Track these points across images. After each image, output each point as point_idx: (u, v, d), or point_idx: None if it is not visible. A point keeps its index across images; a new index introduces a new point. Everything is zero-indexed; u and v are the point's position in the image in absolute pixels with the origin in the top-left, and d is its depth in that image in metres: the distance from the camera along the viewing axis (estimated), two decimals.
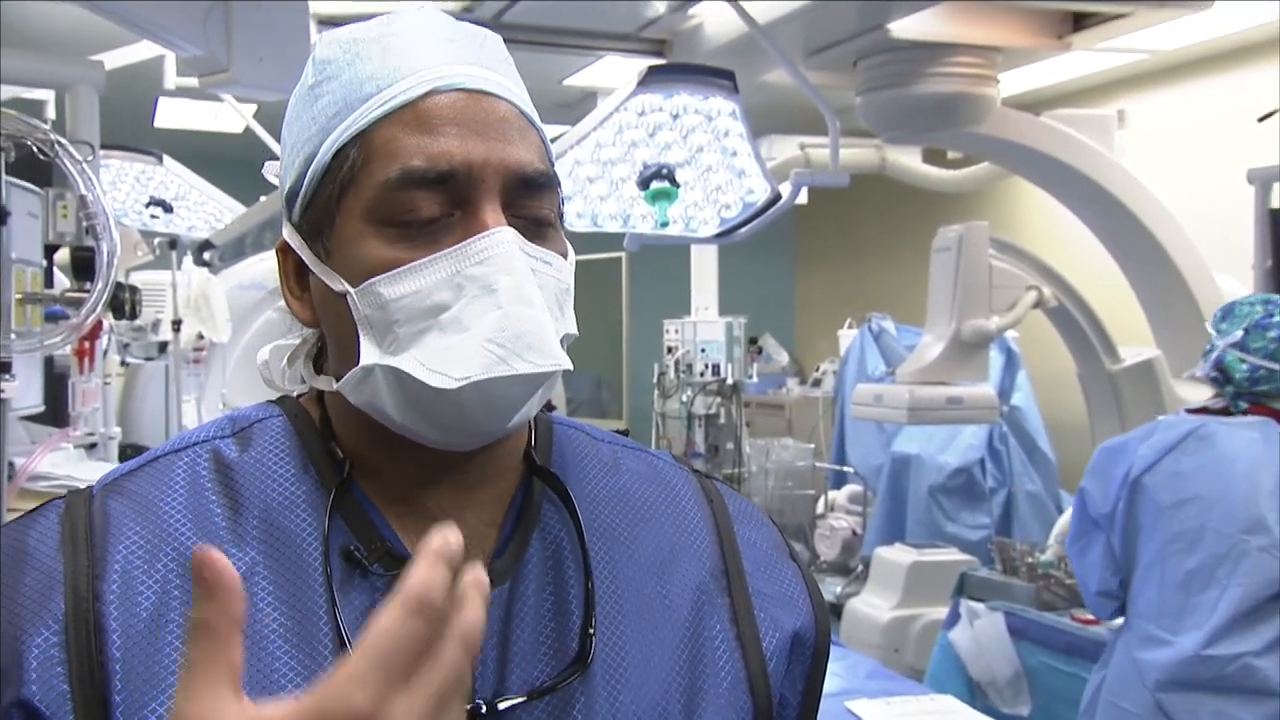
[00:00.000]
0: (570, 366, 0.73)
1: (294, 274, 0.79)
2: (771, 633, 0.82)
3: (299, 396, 0.82)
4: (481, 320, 0.70)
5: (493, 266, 0.70)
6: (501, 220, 0.72)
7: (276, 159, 4.85)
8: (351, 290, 0.72)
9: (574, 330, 0.76)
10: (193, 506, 0.74)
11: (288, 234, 0.78)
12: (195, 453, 0.77)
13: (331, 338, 0.78)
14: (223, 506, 0.74)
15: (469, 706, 0.70)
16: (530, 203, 0.74)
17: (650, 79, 2.85)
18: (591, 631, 0.74)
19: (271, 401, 0.82)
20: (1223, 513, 2.38)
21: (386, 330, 0.71)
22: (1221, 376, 2.51)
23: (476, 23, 0.81)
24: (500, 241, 0.71)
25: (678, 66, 3.14)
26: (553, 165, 0.78)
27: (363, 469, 0.77)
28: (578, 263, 0.80)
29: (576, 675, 0.73)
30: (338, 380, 0.76)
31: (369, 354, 0.72)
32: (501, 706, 0.71)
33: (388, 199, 0.71)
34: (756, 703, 0.80)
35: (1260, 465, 2.39)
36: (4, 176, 2.09)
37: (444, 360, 0.70)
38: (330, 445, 0.78)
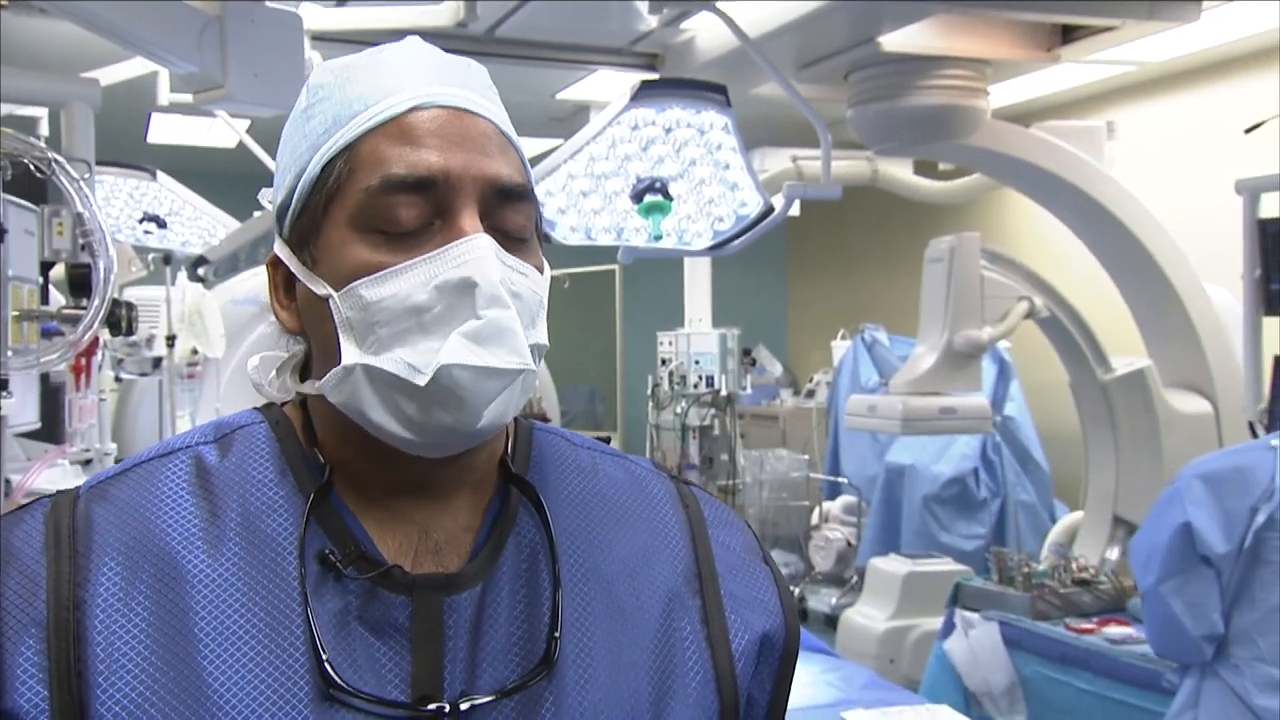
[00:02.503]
0: (534, 368, 0.76)
1: (283, 286, 0.83)
2: (741, 633, 0.85)
3: (284, 405, 0.85)
4: (456, 319, 0.74)
5: (469, 270, 0.74)
6: (479, 227, 0.75)
7: (272, 173, 4.89)
8: (334, 294, 0.76)
9: (544, 341, 0.80)
10: (173, 512, 0.77)
11: (278, 248, 0.82)
12: (178, 458, 0.80)
13: (315, 343, 0.81)
14: (201, 511, 0.77)
15: (434, 706, 0.73)
16: (508, 213, 0.78)
17: (643, 93, 2.86)
18: (556, 636, 0.77)
19: (257, 409, 0.85)
20: None
21: (368, 332, 0.75)
22: None
23: (470, 37, 0.84)
24: (477, 247, 0.74)
25: (670, 81, 3.15)
26: (531, 182, 0.81)
27: (342, 475, 0.80)
28: (572, 276, 0.83)
29: (541, 677, 0.76)
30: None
31: (350, 354, 0.75)
32: (464, 706, 0.74)
33: (370, 205, 0.75)
34: (724, 701, 0.82)
35: None
36: (1, 195, 2.10)
37: (420, 357, 0.73)
38: (310, 451, 0.81)
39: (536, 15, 3.64)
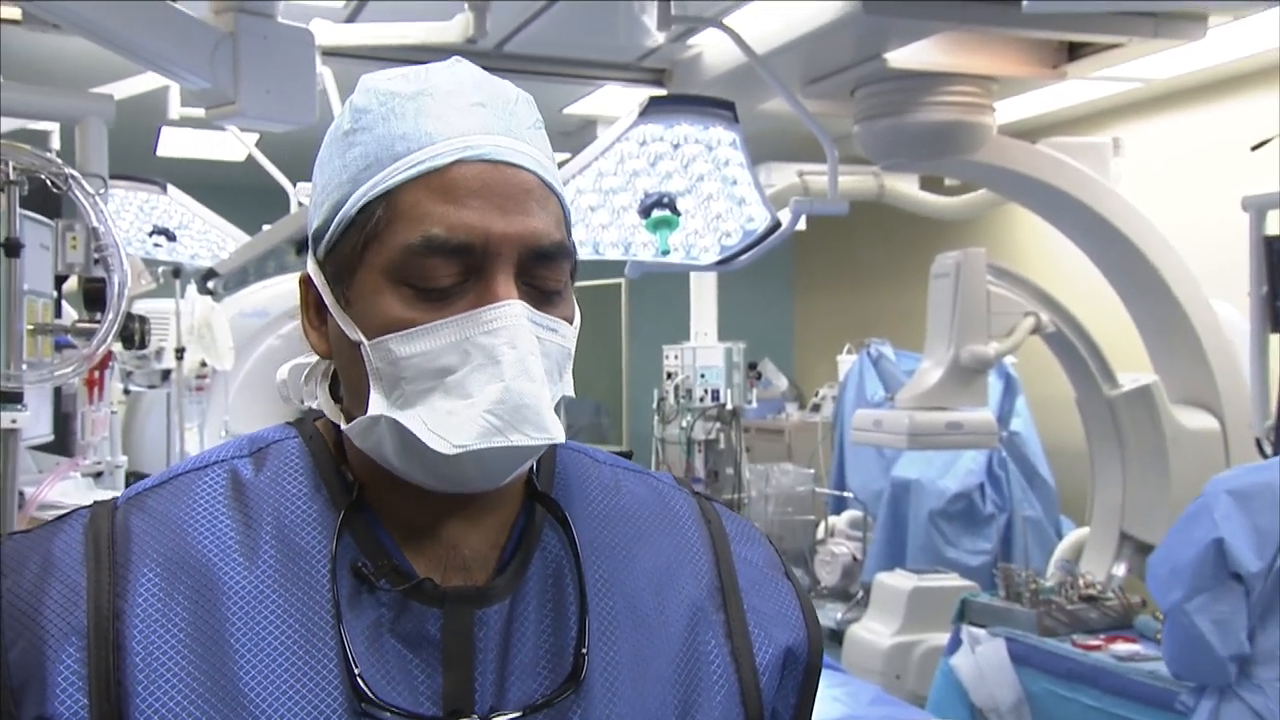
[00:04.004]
0: (563, 439, 0.77)
1: (314, 307, 0.83)
2: (765, 648, 0.85)
3: (316, 419, 0.86)
4: (484, 390, 0.73)
5: (500, 338, 0.74)
6: (513, 292, 0.75)
7: (280, 186, 4.87)
8: (366, 342, 0.76)
9: (570, 392, 0.81)
10: (209, 524, 0.78)
11: (312, 270, 0.82)
12: (214, 472, 0.81)
13: (345, 376, 0.81)
14: (237, 524, 0.78)
15: None
16: (544, 273, 0.77)
17: (651, 109, 2.88)
18: (585, 651, 0.78)
19: (289, 423, 0.86)
20: None
21: (395, 385, 0.75)
22: None
23: (479, 53, 0.84)
24: (510, 314, 0.74)
25: (678, 97, 3.17)
26: (569, 230, 0.81)
27: (372, 493, 0.81)
28: (578, 289, 0.83)
29: (569, 693, 0.77)
30: (348, 419, 0.80)
31: (377, 405, 0.76)
32: None
33: (407, 262, 0.75)
34: (749, 714, 0.83)
35: None
36: (17, 209, 2.12)
37: (445, 424, 0.73)
38: (341, 468, 0.82)
39: (545, 31, 3.66)
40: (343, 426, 0.80)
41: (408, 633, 0.76)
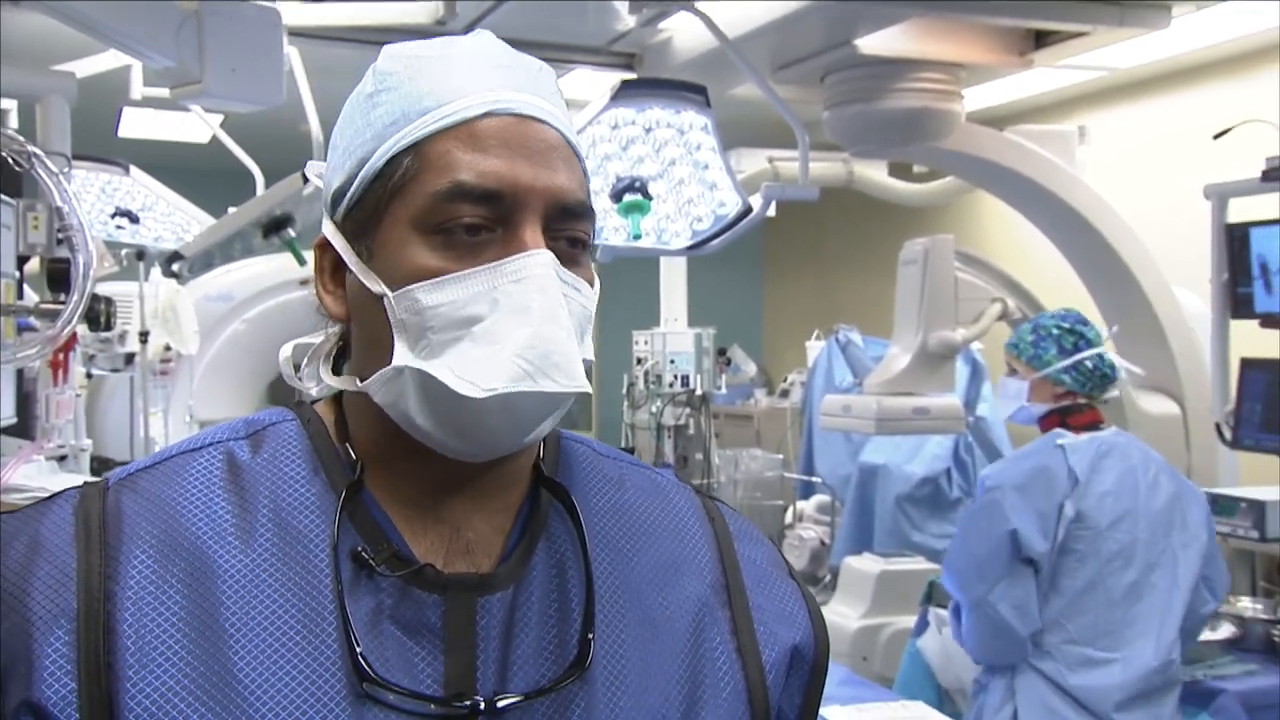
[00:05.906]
0: (590, 390, 0.76)
1: (330, 270, 0.81)
2: (771, 646, 0.85)
3: (314, 402, 0.84)
4: (513, 335, 0.72)
5: (528, 286, 0.73)
6: (541, 242, 0.75)
7: (244, 168, 4.81)
8: (389, 293, 0.75)
9: (590, 356, 0.79)
10: (204, 506, 0.76)
11: (329, 232, 0.81)
12: (209, 453, 0.79)
13: (363, 337, 0.80)
14: (233, 506, 0.76)
15: (469, 702, 0.73)
16: (567, 230, 0.77)
17: (623, 93, 2.87)
18: (591, 636, 0.76)
19: (287, 406, 0.85)
20: (1149, 522, 2.51)
21: (420, 335, 0.74)
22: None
23: (449, 33, 0.84)
24: (538, 263, 0.74)
25: (651, 81, 3.17)
26: (589, 196, 0.81)
27: (375, 473, 0.79)
28: None
29: (574, 678, 0.76)
30: (362, 379, 0.78)
31: (401, 356, 0.74)
32: (500, 704, 0.74)
33: (436, 209, 0.74)
34: (754, 713, 0.82)
35: (1159, 469, 2.57)
36: None
37: (474, 370, 0.72)
38: (343, 447, 0.80)
39: (514, 14, 3.64)
40: (358, 384, 0.78)
41: (408, 619, 0.75)
